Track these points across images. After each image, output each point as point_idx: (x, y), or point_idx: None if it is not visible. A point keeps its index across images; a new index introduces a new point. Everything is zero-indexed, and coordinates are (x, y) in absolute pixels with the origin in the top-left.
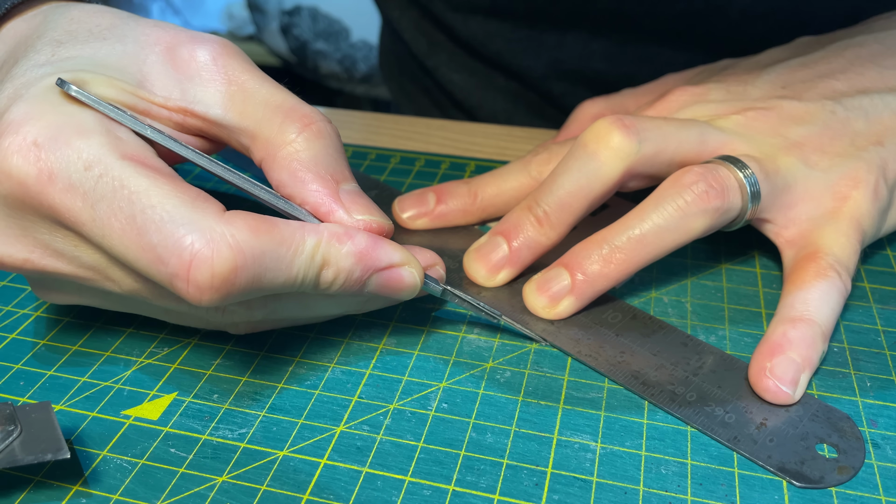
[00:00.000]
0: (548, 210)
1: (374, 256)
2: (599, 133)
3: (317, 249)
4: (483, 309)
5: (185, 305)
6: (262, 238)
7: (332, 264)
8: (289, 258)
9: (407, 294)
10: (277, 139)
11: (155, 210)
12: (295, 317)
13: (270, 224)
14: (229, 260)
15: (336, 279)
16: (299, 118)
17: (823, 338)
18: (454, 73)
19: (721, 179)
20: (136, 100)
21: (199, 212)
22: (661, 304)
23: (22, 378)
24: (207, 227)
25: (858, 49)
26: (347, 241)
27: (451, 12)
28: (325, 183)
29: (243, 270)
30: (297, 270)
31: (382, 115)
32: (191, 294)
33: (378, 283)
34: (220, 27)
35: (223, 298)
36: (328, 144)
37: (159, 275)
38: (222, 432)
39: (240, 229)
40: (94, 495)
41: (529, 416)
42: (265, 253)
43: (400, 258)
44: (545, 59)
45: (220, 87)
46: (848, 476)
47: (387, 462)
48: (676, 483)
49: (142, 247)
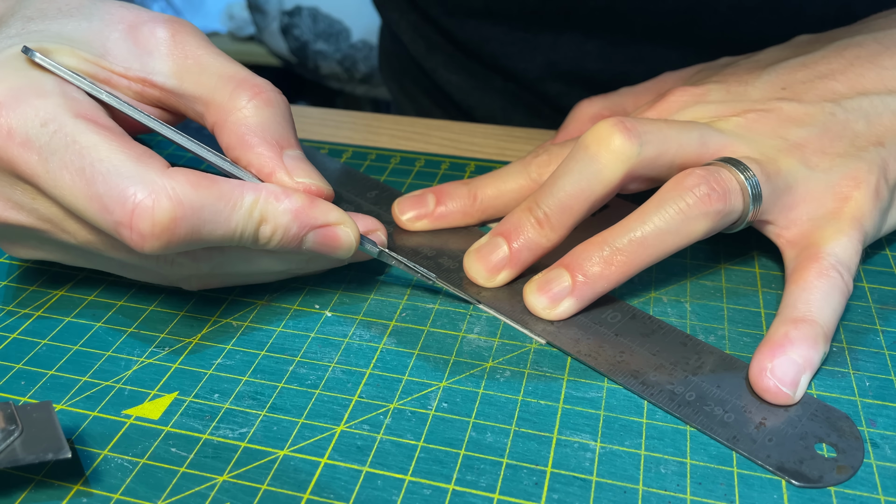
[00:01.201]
0: (548, 212)
1: (310, 214)
2: (601, 135)
3: (255, 206)
4: (418, 271)
5: (136, 257)
6: (202, 192)
7: (269, 220)
8: (227, 212)
9: (343, 252)
10: (228, 105)
11: (102, 163)
12: (241, 272)
13: (211, 180)
14: (169, 210)
15: (274, 235)
16: (250, 87)
17: (825, 338)
18: (452, 74)
19: (723, 182)
20: (97, 69)
21: (144, 166)
22: (661, 304)
23: (23, 378)
24: (150, 179)
25: (858, 49)
26: (285, 199)
27: (446, 16)
28: (270, 147)
29: (182, 221)
30: (235, 224)
31: (382, 116)
32: (134, 241)
33: (315, 240)
34: (221, 28)
35: (164, 246)
36: (276, 113)
37: (105, 223)
38: (223, 432)
39: (180, 183)
40: (95, 495)
41: (529, 415)
42: (204, 206)
43: (336, 217)
44: (540, 60)
45: (177, 60)
46: (847, 475)
47: (387, 461)
48: (676, 482)
49: (90, 196)
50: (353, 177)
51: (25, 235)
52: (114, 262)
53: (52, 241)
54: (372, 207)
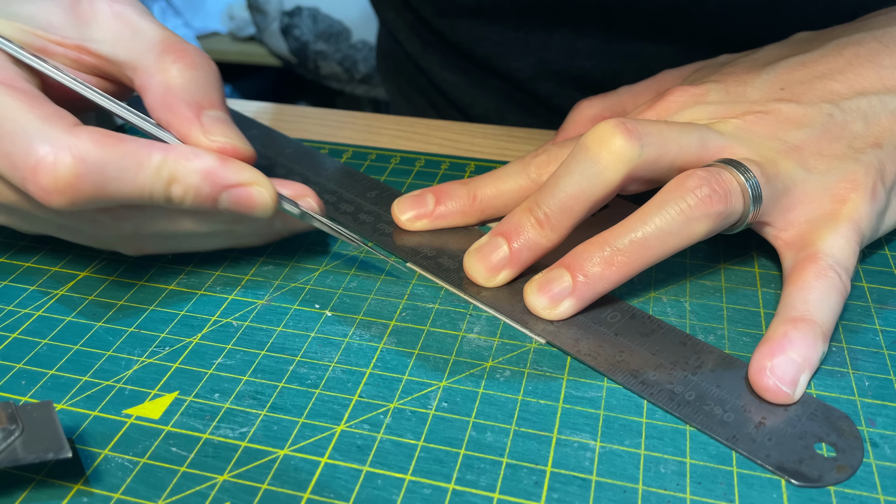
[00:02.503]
0: (548, 212)
1: (220, 175)
2: (602, 136)
3: (163, 165)
4: (344, 234)
5: (60, 216)
6: (106, 150)
7: (179, 180)
8: (133, 170)
9: (260, 211)
10: (153, 68)
11: (12, 122)
12: (166, 231)
13: (117, 139)
14: (70, 166)
15: (186, 194)
16: (175, 50)
17: (824, 338)
18: (447, 73)
19: (724, 183)
20: (33, 38)
21: (49, 125)
22: (660, 303)
23: (23, 377)
24: (54, 137)
25: (857, 48)
26: (195, 158)
27: (438, 17)
28: (189, 108)
29: (85, 177)
30: (142, 182)
31: (382, 116)
32: (40, 196)
33: (230, 199)
34: (221, 28)
35: (71, 202)
36: (200, 75)
37: (13, 179)
38: (223, 431)
39: (83, 141)
40: (96, 494)
41: (529, 415)
42: (107, 163)
43: (248, 177)
44: (532, 59)
45: (112, 28)
46: (846, 475)
47: (387, 461)
48: (675, 482)
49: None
50: (353, 177)
51: None
52: (44, 222)
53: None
54: (372, 207)
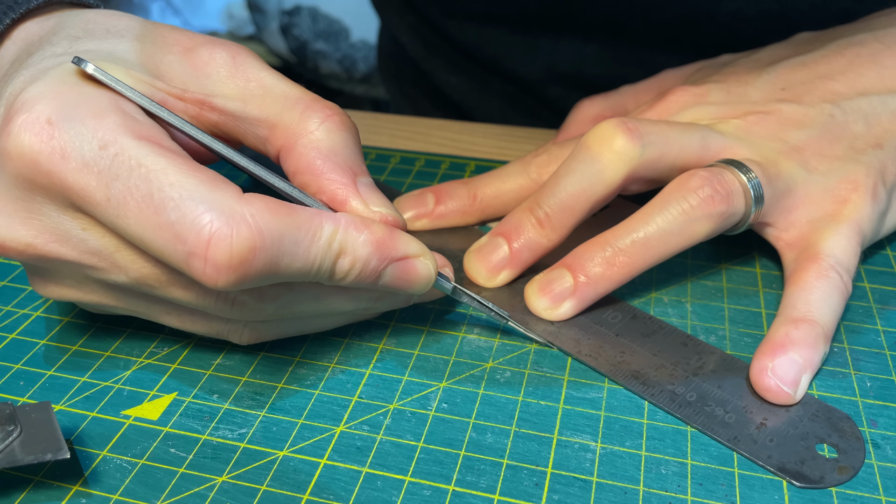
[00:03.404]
0: (549, 212)
1: (391, 245)
2: (603, 136)
3: (334, 236)
4: (493, 309)
5: (193, 295)
6: (282, 220)
7: (349, 252)
8: (307, 243)
9: (420, 287)
10: (298, 128)
11: (174, 188)
12: (305, 314)
13: (289, 208)
14: (248, 239)
15: (353, 268)
16: (321, 109)
17: (825, 339)
18: (451, 76)
19: (726, 184)
20: (152, 90)
21: (219, 192)
22: (661, 304)
23: (22, 378)
24: (227, 206)
25: (858, 48)
26: (365, 229)
27: (446, 19)
28: (344, 173)
29: (262, 251)
30: (314, 256)
31: (382, 115)
32: (207, 274)
33: (394, 273)
34: (220, 27)
35: (239, 281)
36: (347, 137)
37: (175, 254)
38: (222, 432)
39: (259, 210)
40: (94, 495)
41: (529, 416)
42: (283, 236)
43: (416, 249)
44: (540, 64)
45: (238, 83)
46: (848, 476)
47: (387, 462)
48: (676, 483)
49: (159, 225)
50: None
51: (65, 272)
52: (162, 305)
53: (97, 279)
54: None
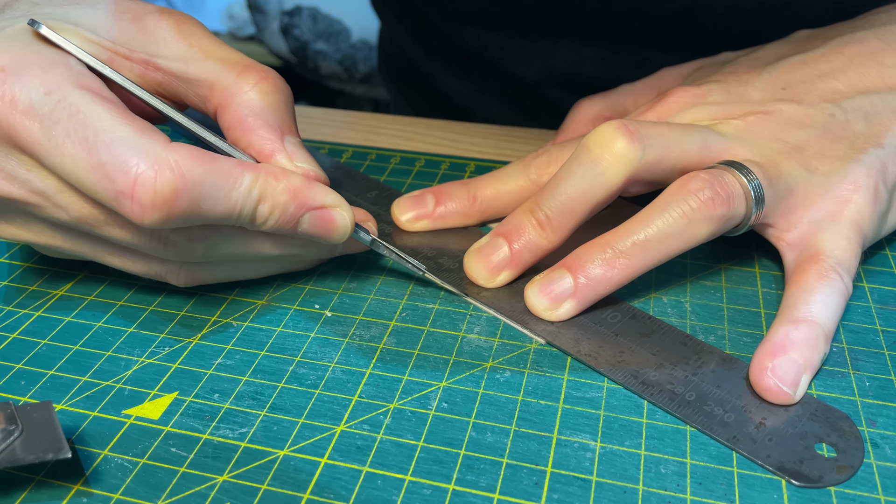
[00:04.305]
0: (549, 214)
1: (307, 195)
2: (604, 138)
3: (254, 184)
4: (409, 261)
5: (129, 235)
6: (204, 167)
7: (268, 199)
8: (227, 188)
9: (338, 236)
10: (233, 88)
11: (107, 133)
12: (235, 256)
13: (213, 157)
14: (171, 182)
15: (272, 213)
16: (256, 72)
17: (825, 339)
18: (451, 78)
19: (727, 186)
20: (100, 49)
21: (147, 138)
22: (661, 303)
23: (23, 378)
24: (153, 151)
25: (858, 46)
26: (283, 179)
27: (444, 22)
28: (272, 131)
29: (183, 193)
30: (234, 201)
31: (382, 116)
32: (134, 212)
33: (311, 221)
34: (221, 27)
35: (164, 219)
36: (279, 99)
37: (106, 192)
38: (223, 432)
39: (183, 157)
40: (95, 495)
41: (529, 415)
42: (205, 181)
43: (332, 200)
44: (538, 66)
45: (182, 47)
46: (847, 475)
47: (387, 461)
48: (676, 482)
49: (92, 165)
50: (353, 177)
51: (13, 210)
52: (103, 244)
53: (42, 217)
54: (372, 207)
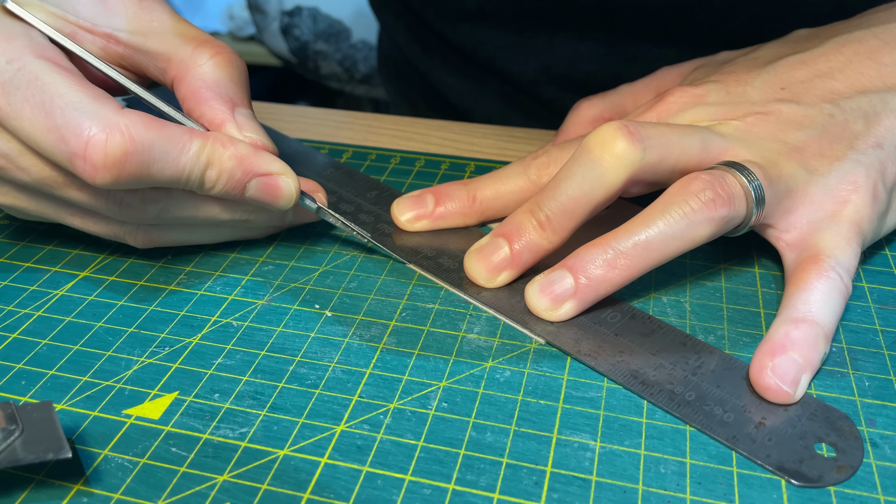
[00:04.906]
0: (550, 214)
1: (253, 162)
2: (604, 139)
3: (202, 150)
4: (354, 229)
5: (86, 196)
6: (153, 132)
7: (215, 165)
8: (176, 153)
9: (283, 202)
10: (189, 61)
11: (62, 98)
12: (188, 219)
13: (162, 123)
14: (121, 144)
15: (220, 178)
16: (211, 46)
17: (825, 339)
18: (448, 76)
19: (727, 187)
20: (63, 23)
21: (100, 104)
22: (660, 303)
23: (23, 378)
24: (105, 115)
25: (857, 45)
26: (230, 145)
27: (440, 21)
28: (224, 102)
29: (133, 156)
30: (183, 165)
31: (382, 116)
32: (87, 172)
33: (258, 188)
34: (221, 28)
35: (115, 180)
36: (233, 73)
37: (61, 154)
38: (223, 431)
39: (133, 122)
40: (96, 494)
41: (529, 415)
42: (154, 145)
43: (277, 168)
44: (534, 64)
45: (143, 21)
46: (846, 475)
47: (387, 461)
48: (675, 482)
49: (48, 128)
50: (353, 177)
51: None
52: (64, 206)
53: (6, 178)
54: (372, 207)
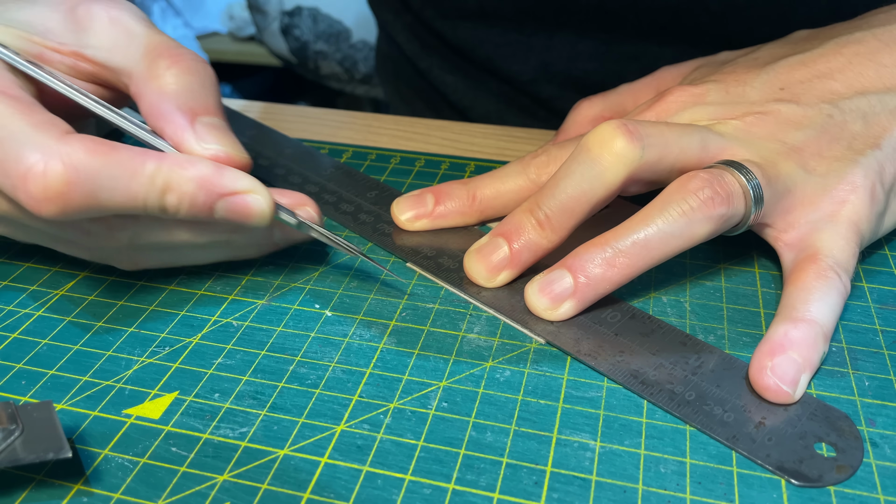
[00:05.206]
0: (549, 213)
1: (216, 183)
2: (603, 138)
3: (157, 173)
4: (341, 244)
5: (53, 226)
6: (98, 158)
7: (174, 189)
8: (125, 179)
9: (257, 220)
10: (147, 74)
11: (2, 130)
12: (162, 242)
13: (110, 147)
14: (61, 174)
15: (181, 203)
16: (169, 55)
17: (824, 338)
18: (447, 75)
19: (726, 186)
20: (29, 44)
21: (41, 132)
22: (660, 303)
23: (23, 377)
24: (45, 145)
25: (857, 46)
26: (189, 167)
27: (440, 19)
28: (183, 115)
29: (76, 185)
30: (135, 191)
31: (382, 116)
32: (30, 205)
33: (226, 208)
34: (221, 28)
35: (61, 211)
36: (195, 80)
37: (4, 187)
38: (223, 431)
39: (75, 149)
40: (96, 494)
41: (529, 414)
42: (99, 172)
43: (245, 185)
44: (534, 62)
45: (109, 34)
46: (846, 475)
47: (387, 461)
48: (675, 482)
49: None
50: (353, 177)
51: None
52: (38, 233)
53: None
54: (372, 207)
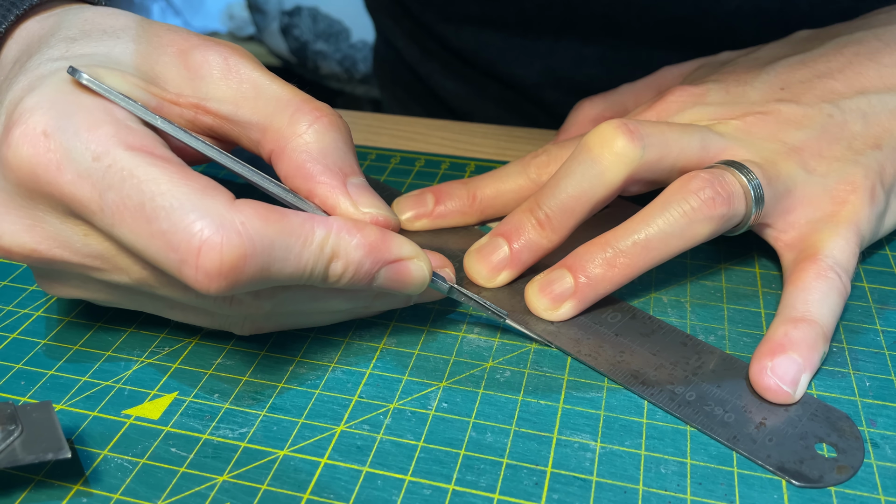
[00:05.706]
0: (549, 213)
1: (383, 248)
2: (604, 137)
3: (326, 241)
4: (490, 308)
5: (192, 296)
6: (272, 227)
7: (341, 256)
8: (298, 248)
9: (415, 288)
10: (287, 131)
11: (164, 197)
12: (303, 311)
13: (280, 214)
14: (238, 247)
15: (346, 271)
16: (310, 111)
17: (825, 339)
18: (447, 80)
19: (727, 186)
20: (147, 95)
21: (209, 199)
22: (661, 303)
23: (23, 378)
24: (217, 213)
25: (857, 46)
26: (357, 233)
27: (443, 23)
28: (333, 175)
29: (252, 258)
30: (306, 261)
31: (382, 116)
32: (199, 281)
33: (387, 276)
34: (221, 28)
35: (231, 286)
36: (338, 138)
37: (168, 262)
38: (223, 432)
39: (249, 217)
40: (95, 495)
41: (529, 415)
42: (274, 242)
43: (409, 251)
44: (538, 67)
45: (231, 85)
46: (847, 475)
47: (387, 461)
48: (676, 482)
49: (151, 234)
50: None
51: (70, 274)
52: (164, 303)
53: (100, 279)
54: None
